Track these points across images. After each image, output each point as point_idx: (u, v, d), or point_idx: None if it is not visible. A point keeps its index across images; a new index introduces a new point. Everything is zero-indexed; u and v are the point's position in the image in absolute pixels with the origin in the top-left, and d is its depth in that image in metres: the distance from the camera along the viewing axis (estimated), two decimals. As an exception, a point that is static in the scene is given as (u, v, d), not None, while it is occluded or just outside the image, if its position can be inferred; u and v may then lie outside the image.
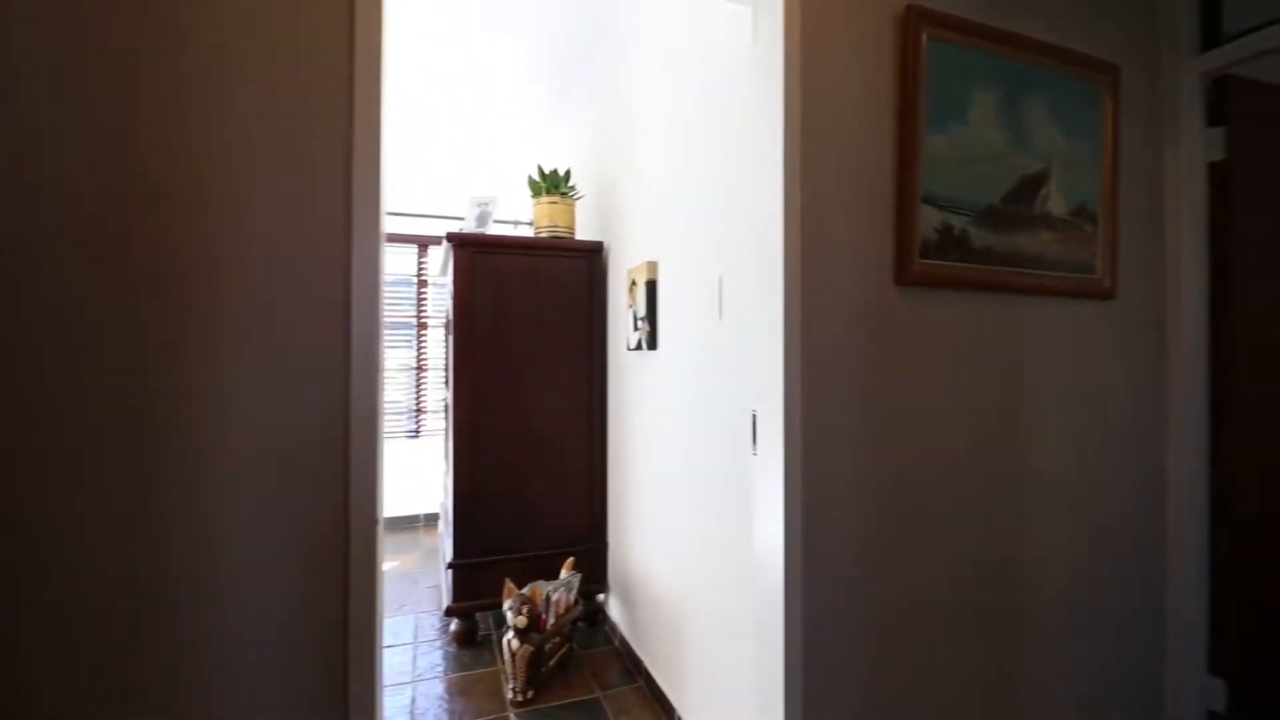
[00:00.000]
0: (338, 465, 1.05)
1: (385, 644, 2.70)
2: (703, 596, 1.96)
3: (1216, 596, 1.73)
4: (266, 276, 1.01)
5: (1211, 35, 1.75)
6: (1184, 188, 1.76)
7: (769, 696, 1.33)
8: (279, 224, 1.02)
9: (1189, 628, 1.74)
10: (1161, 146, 1.80)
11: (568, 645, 2.52)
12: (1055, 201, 1.58)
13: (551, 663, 2.40)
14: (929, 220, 1.41)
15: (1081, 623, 1.67)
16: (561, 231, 2.97)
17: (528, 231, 3.49)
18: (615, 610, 2.86)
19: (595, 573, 2.90)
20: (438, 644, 2.75)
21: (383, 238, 1.13)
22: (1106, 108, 1.65)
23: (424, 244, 4.79)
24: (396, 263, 4.77)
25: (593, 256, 2.93)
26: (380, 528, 1.12)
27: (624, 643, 2.65)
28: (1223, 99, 1.73)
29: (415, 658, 2.62)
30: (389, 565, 3.85)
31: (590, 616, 2.94)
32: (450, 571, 2.68)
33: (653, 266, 2.33)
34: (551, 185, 2.99)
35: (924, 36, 1.39)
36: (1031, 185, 1.54)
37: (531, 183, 3.03)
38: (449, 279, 2.89)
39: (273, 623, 1.01)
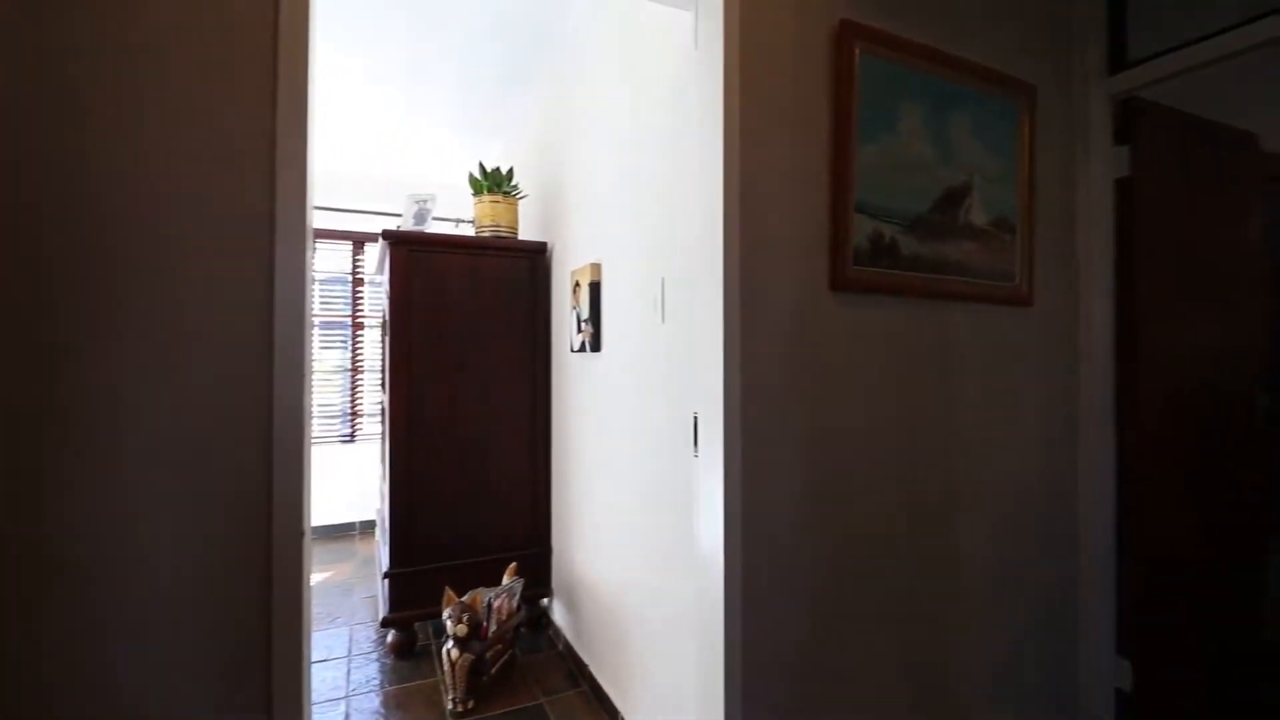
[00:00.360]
0: (259, 475, 1.00)
1: (317, 659, 2.58)
2: (646, 597, 1.96)
3: (1122, 584, 1.87)
4: (179, 274, 0.95)
5: (1118, 60, 1.87)
6: (1094, 201, 1.88)
7: (710, 695, 1.35)
8: (194, 217, 0.96)
9: (1098, 613, 1.86)
10: (1074, 162, 1.92)
11: (510, 652, 2.47)
12: (977, 212, 1.66)
13: (493, 670, 2.35)
14: (861, 228, 1.46)
15: (1001, 609, 1.76)
16: (504, 231, 2.92)
17: (469, 230, 3.41)
18: (559, 614, 2.83)
19: (539, 577, 2.87)
20: (374, 656, 2.65)
21: (310, 234, 1.08)
22: (1024, 125, 1.75)
23: (359, 241, 4.62)
24: (329, 260, 4.58)
25: (536, 257, 2.89)
26: (307, 540, 1.07)
27: (568, 646, 2.63)
28: (1128, 119, 1.86)
29: (349, 672, 2.52)
30: (321, 576, 3.69)
31: (534, 621, 2.90)
32: (387, 581, 2.59)
33: (596, 268, 2.32)
34: (494, 184, 2.93)
35: (857, 50, 1.44)
36: (956, 196, 1.62)
37: (473, 180, 2.96)
38: (385, 278, 2.79)
39: (186, 643, 0.95)
